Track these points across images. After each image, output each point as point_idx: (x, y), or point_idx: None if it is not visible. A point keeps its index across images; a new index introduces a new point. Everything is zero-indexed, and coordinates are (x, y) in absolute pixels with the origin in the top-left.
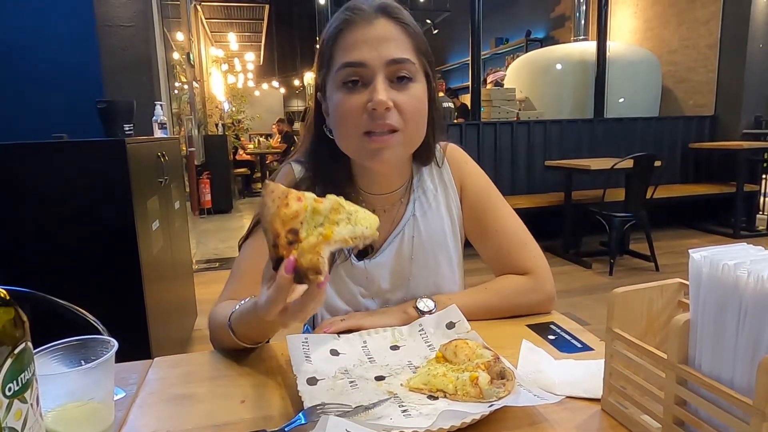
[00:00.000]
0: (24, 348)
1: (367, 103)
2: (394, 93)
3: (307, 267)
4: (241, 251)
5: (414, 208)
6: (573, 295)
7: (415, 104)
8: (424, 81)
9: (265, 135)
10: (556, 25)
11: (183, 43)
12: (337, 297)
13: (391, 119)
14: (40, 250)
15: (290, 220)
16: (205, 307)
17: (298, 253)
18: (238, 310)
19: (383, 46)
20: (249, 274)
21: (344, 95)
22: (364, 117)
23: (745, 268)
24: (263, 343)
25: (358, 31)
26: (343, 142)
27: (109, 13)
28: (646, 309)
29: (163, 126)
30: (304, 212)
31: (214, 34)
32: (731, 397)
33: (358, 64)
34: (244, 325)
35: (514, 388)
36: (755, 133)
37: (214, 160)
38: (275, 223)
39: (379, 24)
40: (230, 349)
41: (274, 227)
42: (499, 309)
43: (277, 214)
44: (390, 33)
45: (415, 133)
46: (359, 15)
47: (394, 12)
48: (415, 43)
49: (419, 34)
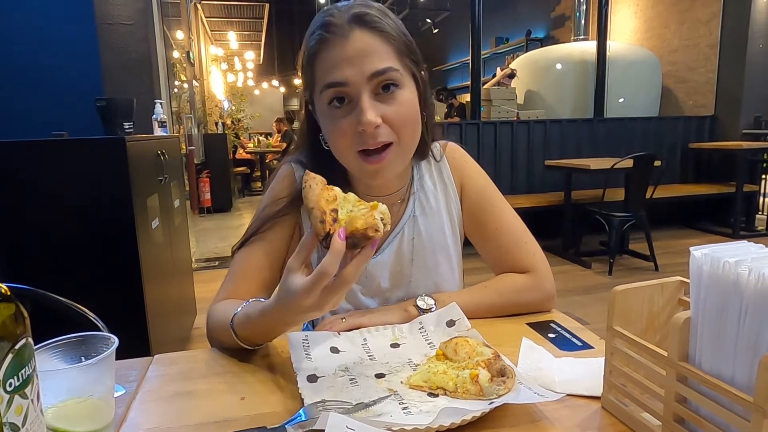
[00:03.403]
0: (25, 344)
1: (356, 124)
2: (382, 107)
3: (366, 226)
4: (236, 256)
5: (414, 208)
6: (572, 295)
7: (405, 112)
8: (412, 83)
9: (264, 134)
10: (557, 25)
11: (183, 42)
12: None
13: (382, 136)
14: (40, 247)
15: (332, 201)
16: (204, 305)
17: (349, 221)
18: (242, 312)
19: (363, 61)
20: (247, 276)
21: (333, 119)
22: (356, 137)
23: (746, 266)
24: (262, 345)
25: (335, 50)
26: (340, 159)
27: (109, 12)
28: (646, 307)
29: (162, 124)
30: (339, 198)
31: (214, 32)
32: (732, 394)
33: (341, 83)
34: (250, 327)
35: (514, 386)
36: (755, 133)
37: (213, 158)
38: (320, 202)
39: (355, 37)
40: (229, 348)
41: (320, 206)
42: (499, 307)
43: (322, 195)
44: (368, 45)
45: (410, 141)
46: (333, 32)
47: (368, 20)
48: (395, 48)
49: (398, 34)
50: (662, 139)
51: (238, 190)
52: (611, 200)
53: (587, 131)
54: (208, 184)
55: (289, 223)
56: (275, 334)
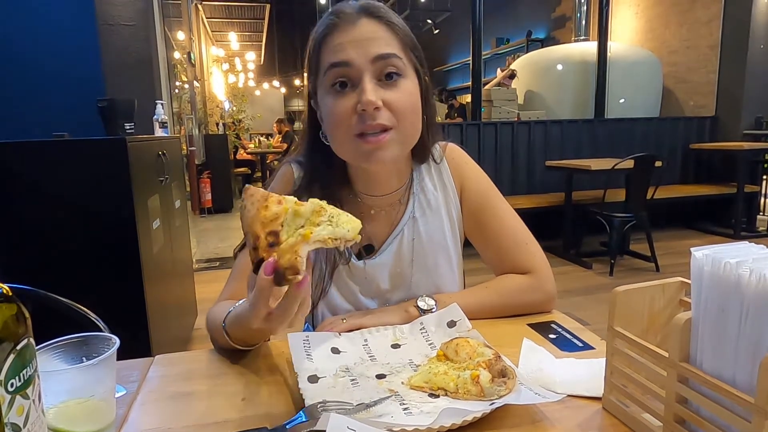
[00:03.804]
0: (26, 344)
1: (357, 104)
2: (383, 91)
3: (286, 267)
4: (238, 257)
5: (413, 209)
6: (573, 296)
7: (406, 100)
8: (414, 76)
9: (265, 134)
10: (557, 26)
11: (184, 43)
12: (338, 295)
13: (382, 118)
14: (41, 248)
15: (270, 223)
16: (205, 306)
17: (278, 254)
18: (232, 312)
19: (368, 44)
20: (247, 269)
21: (334, 99)
22: (355, 119)
23: (747, 267)
24: (257, 346)
25: (343, 33)
26: (337, 147)
27: (110, 12)
28: (647, 307)
29: (163, 125)
30: (284, 215)
31: (215, 33)
32: (733, 395)
33: (344, 63)
34: (237, 328)
35: (515, 387)
36: (756, 133)
37: (214, 159)
38: (255, 225)
39: (363, 23)
40: (228, 349)
41: (253, 230)
42: (499, 308)
43: (256, 217)
44: (374, 31)
45: (409, 130)
46: (342, 18)
47: (377, 11)
48: (401, 39)
49: (405, 29)
50: (663, 139)
51: (239, 191)
52: (612, 201)
53: (588, 132)
54: (208, 184)
55: None
56: (261, 337)
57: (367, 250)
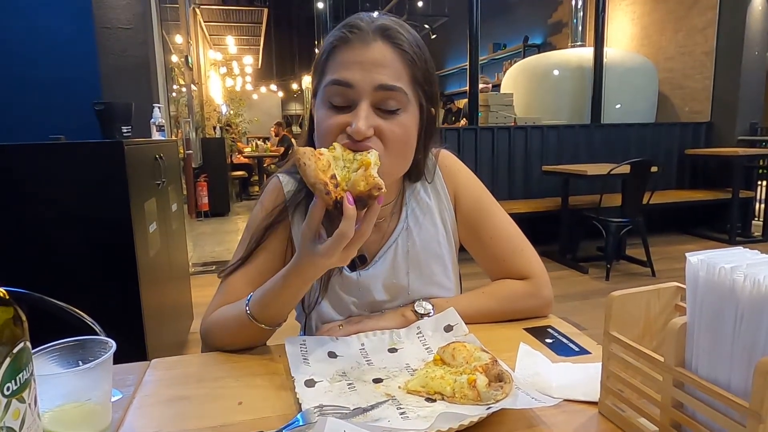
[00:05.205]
0: (23, 347)
1: (348, 125)
2: (378, 119)
3: (369, 187)
4: (225, 280)
5: (407, 219)
6: (569, 300)
7: (399, 133)
8: (416, 110)
9: (263, 138)
10: (554, 31)
11: (181, 46)
12: (332, 309)
13: (370, 142)
14: (36, 251)
15: (328, 169)
16: (201, 309)
17: (351, 185)
18: (257, 293)
19: (375, 70)
20: (238, 292)
21: (327, 112)
22: (344, 135)
23: (742, 272)
24: (281, 324)
25: (353, 51)
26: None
27: (107, 15)
28: (643, 312)
29: (161, 128)
30: (332, 161)
31: (213, 37)
32: (728, 399)
33: (345, 83)
34: (270, 301)
35: (511, 391)
36: (750, 139)
37: (211, 163)
38: (319, 175)
39: (376, 47)
40: (234, 348)
41: (320, 179)
42: (496, 313)
43: (317, 168)
44: (385, 58)
45: (395, 164)
46: (357, 35)
47: (393, 36)
48: (411, 72)
49: (420, 60)
50: (659, 145)
51: (236, 195)
52: (608, 206)
53: (584, 137)
54: (205, 188)
55: (280, 238)
56: (296, 300)
57: (359, 261)
